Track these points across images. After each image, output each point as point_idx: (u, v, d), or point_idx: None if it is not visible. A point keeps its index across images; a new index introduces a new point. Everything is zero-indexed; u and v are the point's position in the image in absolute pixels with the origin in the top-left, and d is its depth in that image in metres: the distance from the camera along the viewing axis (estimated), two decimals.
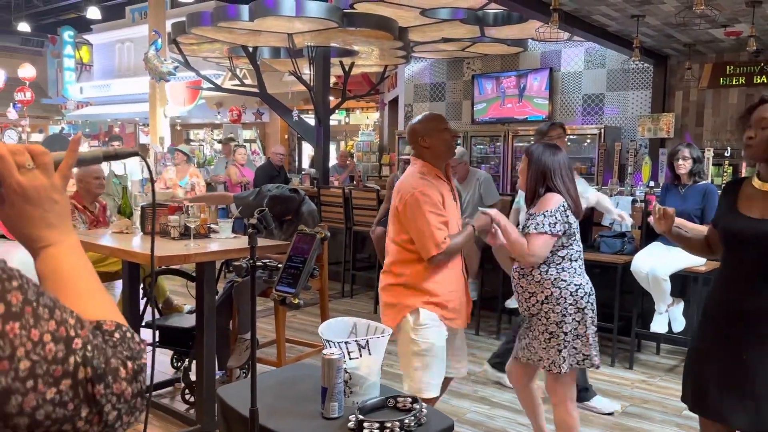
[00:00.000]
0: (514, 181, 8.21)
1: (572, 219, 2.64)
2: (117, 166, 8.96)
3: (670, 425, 3.55)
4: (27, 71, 14.04)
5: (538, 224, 2.59)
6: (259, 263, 1.62)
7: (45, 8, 19.18)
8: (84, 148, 14.06)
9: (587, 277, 2.72)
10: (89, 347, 0.73)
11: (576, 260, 2.68)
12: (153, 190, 1.17)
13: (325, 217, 6.69)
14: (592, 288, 2.71)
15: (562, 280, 2.62)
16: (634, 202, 4.91)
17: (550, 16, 4.59)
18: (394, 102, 12.03)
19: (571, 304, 2.62)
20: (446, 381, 2.89)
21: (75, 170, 4.66)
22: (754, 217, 2.06)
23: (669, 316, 4.38)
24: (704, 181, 4.38)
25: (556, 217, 2.58)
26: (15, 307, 0.69)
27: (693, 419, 3.61)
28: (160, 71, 9.75)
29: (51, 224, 0.85)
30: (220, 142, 10.66)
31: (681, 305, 4.41)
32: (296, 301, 1.52)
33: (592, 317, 2.67)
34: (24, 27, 18.51)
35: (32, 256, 0.87)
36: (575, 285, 2.63)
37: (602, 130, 8.30)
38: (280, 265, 1.63)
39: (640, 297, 4.52)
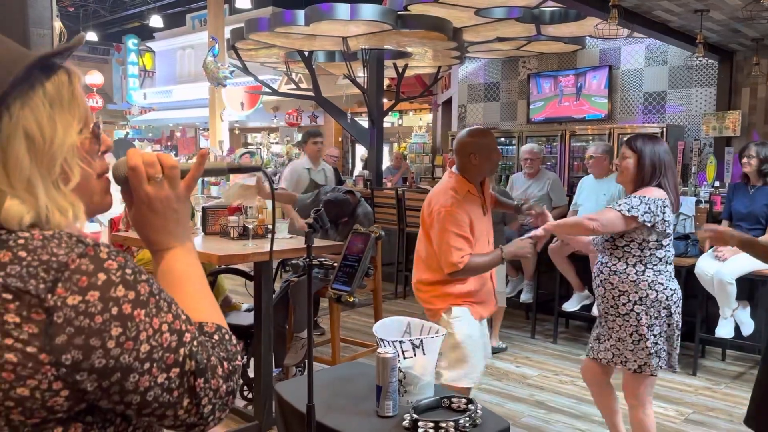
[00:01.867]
0: (572, 183, 8.05)
1: (669, 218, 2.56)
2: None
3: None
4: (95, 78, 14.67)
5: (628, 205, 2.50)
6: (315, 262, 1.65)
7: (110, 18, 20.03)
8: (148, 151, 14.54)
9: (677, 282, 2.68)
10: (195, 342, 0.82)
11: (671, 263, 2.63)
12: (273, 202, 1.21)
13: (379, 218, 6.72)
14: (681, 294, 2.68)
15: (659, 283, 2.56)
16: (698, 203, 4.75)
17: (608, 12, 4.49)
18: (447, 103, 11.98)
19: (665, 308, 2.58)
20: None
21: None
22: None
23: (735, 320, 4.22)
24: None
25: (650, 207, 2.50)
26: (143, 296, 0.78)
27: None
28: (217, 76, 10.02)
29: (170, 231, 0.94)
30: (294, 145, 10.91)
31: (747, 309, 4.24)
32: (351, 299, 1.54)
33: (678, 321, 2.65)
34: (91, 36, 19.37)
35: (151, 256, 0.96)
36: (671, 289, 2.59)
37: (664, 129, 8.02)
38: (335, 264, 1.66)
39: (704, 301, 4.36)
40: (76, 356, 0.73)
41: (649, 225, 2.50)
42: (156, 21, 17.06)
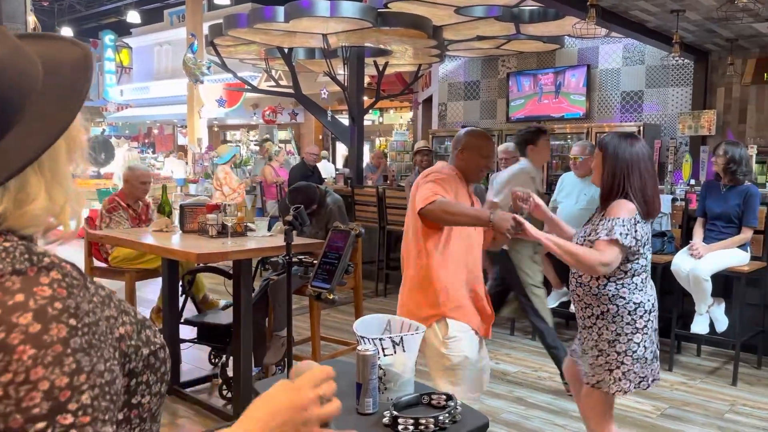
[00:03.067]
0: (551, 181, 8.11)
1: (641, 232, 2.37)
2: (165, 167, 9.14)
3: (712, 428, 3.47)
4: None
5: (610, 230, 2.33)
6: (294, 259, 1.64)
7: (87, 13, 19.74)
8: (124, 148, 14.20)
9: (651, 292, 2.47)
10: None
11: (639, 275, 2.42)
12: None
13: (359, 216, 6.72)
14: (655, 303, 2.47)
15: (621, 297, 2.39)
16: (674, 200, 4.81)
17: (586, 12, 4.53)
18: (428, 101, 12.00)
19: (628, 324, 2.39)
20: None
21: (125, 170, 4.82)
22: None
23: (710, 316, 4.28)
24: (747, 183, 4.24)
25: (626, 228, 2.33)
26: (46, 337, 0.63)
27: (735, 423, 3.53)
28: (195, 73, 9.95)
29: (271, 429, 0.81)
30: (257, 144, 10.85)
31: (723, 305, 4.31)
32: (331, 296, 1.53)
33: (652, 337, 2.45)
34: (67, 31, 19.05)
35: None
36: (634, 303, 2.39)
37: (641, 128, 8.13)
38: (315, 262, 1.65)
39: (680, 297, 4.42)
40: None
41: (628, 247, 2.34)
42: (133, 17, 16.86)
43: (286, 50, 8.52)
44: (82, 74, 0.76)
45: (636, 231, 2.35)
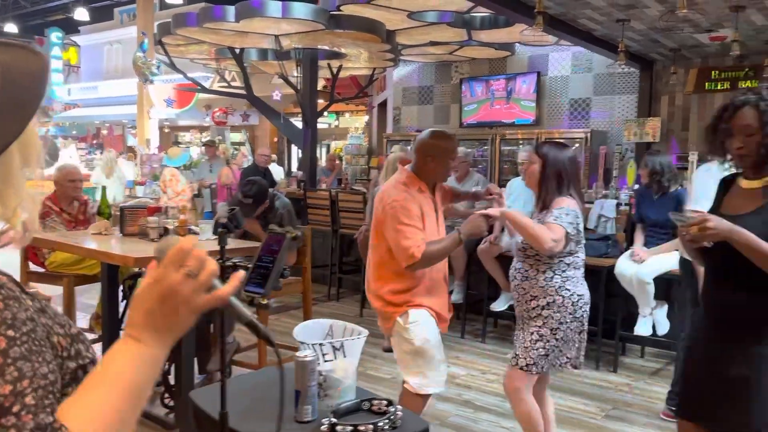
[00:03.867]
0: (502, 184, 8.20)
1: (581, 227, 2.62)
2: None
3: (652, 428, 3.55)
4: None
5: (557, 217, 2.54)
6: (229, 263, 1.59)
7: (32, 9, 19.08)
8: (71, 150, 13.78)
9: (586, 286, 2.71)
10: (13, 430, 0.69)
11: (579, 268, 2.67)
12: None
13: (312, 219, 6.66)
14: (589, 297, 2.72)
15: (566, 289, 2.61)
16: (618, 205, 4.92)
17: (534, 19, 4.59)
18: (383, 105, 12.02)
19: (570, 313, 2.62)
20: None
21: (53, 172, 4.63)
22: (730, 215, 2.02)
23: (653, 319, 4.39)
24: (677, 189, 4.33)
25: (571, 218, 2.56)
26: None
27: (674, 422, 3.61)
28: (145, 73, 9.72)
29: (155, 326, 0.82)
30: (204, 144, 10.63)
31: (665, 308, 4.42)
32: (265, 301, 1.49)
33: (585, 324, 2.70)
34: (11, 28, 18.40)
35: (123, 336, 0.84)
36: (578, 295, 2.63)
37: (588, 135, 8.32)
38: (249, 266, 1.61)
39: (624, 300, 4.52)
40: None
41: (572, 235, 2.56)
42: (81, 14, 16.35)
43: (237, 51, 8.39)
44: (40, 84, 0.81)
45: (578, 224, 2.59)
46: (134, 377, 0.80)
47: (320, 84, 10.09)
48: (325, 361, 1.95)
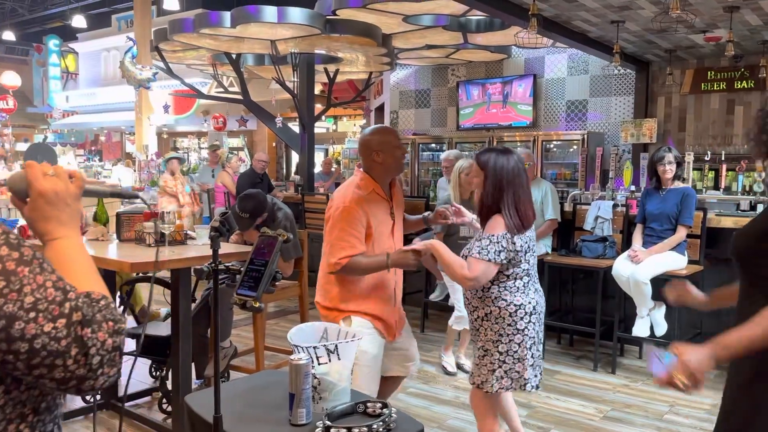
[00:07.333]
0: None
1: (519, 243, 2.50)
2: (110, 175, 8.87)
3: (651, 429, 3.54)
4: (10, 79, 13.93)
5: (482, 249, 2.46)
6: (221, 267, 1.59)
7: (30, 17, 19.09)
8: (70, 157, 13.75)
9: (533, 295, 2.58)
10: (81, 299, 0.91)
11: (521, 278, 2.55)
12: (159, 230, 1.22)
13: (309, 223, 6.66)
14: (537, 306, 2.59)
15: (503, 299, 2.53)
16: (615, 206, 4.92)
17: (529, 21, 4.60)
18: (380, 109, 12.03)
19: (509, 325, 2.53)
20: (398, 380, 2.96)
21: None
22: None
23: (651, 320, 4.39)
24: (684, 185, 4.39)
25: (501, 245, 2.46)
26: (26, 257, 0.89)
27: (673, 423, 3.62)
28: (138, 78, 9.72)
29: (62, 222, 1.04)
30: (211, 147, 10.65)
31: (663, 309, 4.41)
32: (257, 304, 1.49)
33: (533, 338, 2.57)
34: (9, 36, 18.41)
35: (44, 246, 1.03)
36: (515, 305, 2.53)
37: (585, 136, 8.33)
38: (242, 269, 1.61)
39: (622, 301, 4.52)
40: None
41: (505, 262, 2.48)
42: (79, 21, 16.36)
43: (234, 56, 8.41)
44: None
45: (514, 244, 2.48)
46: (83, 256, 1.04)
47: (317, 88, 10.10)
48: (320, 364, 1.95)
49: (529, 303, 2.56)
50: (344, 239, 2.53)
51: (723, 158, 7.01)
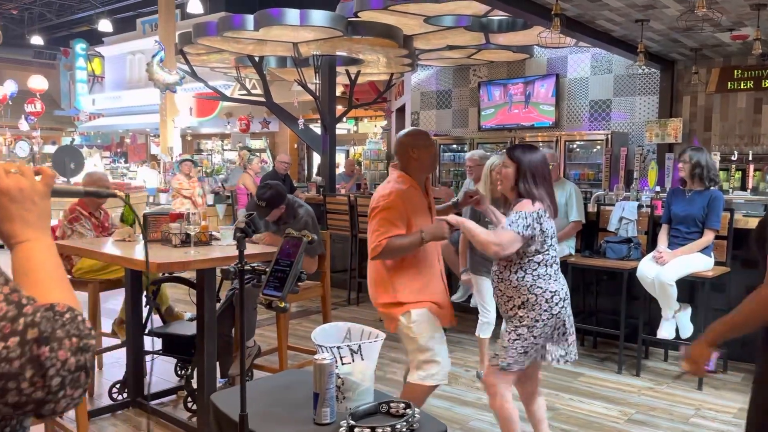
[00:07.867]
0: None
1: (547, 225, 2.69)
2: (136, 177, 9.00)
3: None
4: (37, 83, 14.22)
5: (512, 222, 2.64)
6: (247, 267, 1.62)
7: (57, 21, 19.46)
8: (96, 159, 13.96)
9: (563, 281, 2.78)
10: (38, 315, 0.81)
11: (551, 265, 2.73)
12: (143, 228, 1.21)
13: (331, 224, 6.69)
14: (568, 292, 2.78)
15: (538, 287, 2.68)
16: (640, 207, 4.86)
17: (552, 21, 4.58)
18: (401, 110, 12.04)
19: (546, 311, 2.69)
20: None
21: (84, 178, 4.71)
22: None
23: (676, 322, 4.33)
24: (713, 188, 4.29)
25: (528, 221, 2.63)
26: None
27: (699, 427, 3.57)
28: (166, 82, 9.85)
29: (28, 222, 0.95)
30: (245, 149, 10.81)
31: (688, 311, 4.36)
32: (282, 304, 1.51)
33: (569, 319, 2.77)
34: (37, 40, 18.78)
35: (10, 251, 0.95)
36: (551, 292, 2.69)
37: (609, 136, 8.25)
38: (267, 270, 1.63)
39: (647, 303, 4.47)
40: None
41: (530, 237, 2.64)
42: (105, 25, 16.64)
43: (257, 59, 8.48)
44: None
45: (540, 224, 2.66)
46: (51, 261, 0.95)
47: (339, 90, 10.15)
48: (343, 363, 1.96)
49: (562, 289, 2.74)
50: (383, 225, 2.71)
51: (750, 158, 6.89)
